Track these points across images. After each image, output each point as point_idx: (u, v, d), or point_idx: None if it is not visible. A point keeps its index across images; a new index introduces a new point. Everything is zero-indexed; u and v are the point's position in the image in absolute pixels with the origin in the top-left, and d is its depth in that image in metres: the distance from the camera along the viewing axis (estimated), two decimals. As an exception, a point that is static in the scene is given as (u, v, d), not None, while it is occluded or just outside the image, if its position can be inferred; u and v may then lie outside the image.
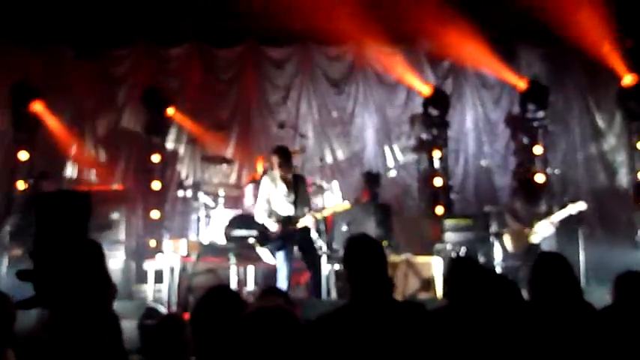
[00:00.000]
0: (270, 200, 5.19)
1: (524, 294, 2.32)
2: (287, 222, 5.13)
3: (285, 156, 5.20)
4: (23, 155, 7.04)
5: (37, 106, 7.16)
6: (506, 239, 5.62)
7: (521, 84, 7.37)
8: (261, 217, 5.21)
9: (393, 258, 5.52)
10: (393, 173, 7.65)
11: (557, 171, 5.21)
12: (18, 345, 2.13)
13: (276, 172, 5.18)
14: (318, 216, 5.29)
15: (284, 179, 5.17)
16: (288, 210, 5.17)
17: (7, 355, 2.18)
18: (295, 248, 5.21)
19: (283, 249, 5.09)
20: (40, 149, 7.22)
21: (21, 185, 6.96)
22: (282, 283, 4.95)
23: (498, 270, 5.65)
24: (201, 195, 6.62)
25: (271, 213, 5.17)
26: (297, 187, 5.22)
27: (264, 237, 5.19)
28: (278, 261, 5.09)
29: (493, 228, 6.09)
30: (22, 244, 5.84)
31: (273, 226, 5.11)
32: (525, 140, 7.36)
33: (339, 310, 2.15)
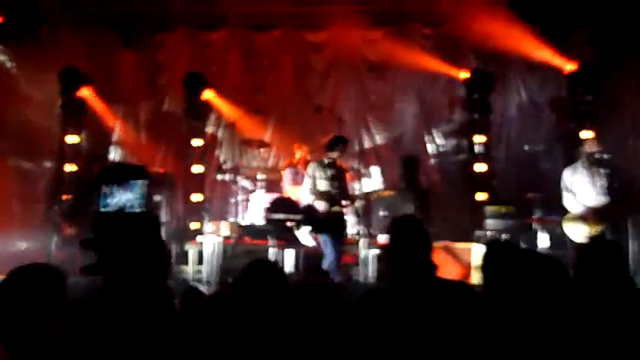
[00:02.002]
0: (316, 183, 5.30)
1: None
2: (332, 204, 5.20)
3: (343, 147, 5.30)
4: (71, 139, 7.42)
5: (85, 92, 7.49)
6: (573, 226, 5.28)
7: (570, 67, 7.15)
8: (308, 198, 5.29)
9: (431, 244, 5.50)
10: (431, 159, 7.65)
11: (605, 156, 5.05)
12: (72, 310, 2.24)
13: (326, 160, 5.28)
14: (359, 202, 5.44)
15: (332, 167, 5.28)
16: (332, 194, 5.28)
17: (51, 327, 2.28)
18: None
19: (329, 231, 5.14)
20: (87, 133, 7.56)
21: (69, 167, 7.31)
22: (327, 265, 5.01)
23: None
24: (240, 178, 6.71)
25: (319, 194, 5.26)
26: (342, 176, 5.38)
27: (308, 219, 5.28)
28: (323, 244, 5.14)
29: (537, 215, 5.98)
30: (73, 224, 6.21)
31: (322, 205, 5.17)
32: (572, 125, 7.12)
33: (382, 290, 2.16)
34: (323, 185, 5.26)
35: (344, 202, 5.35)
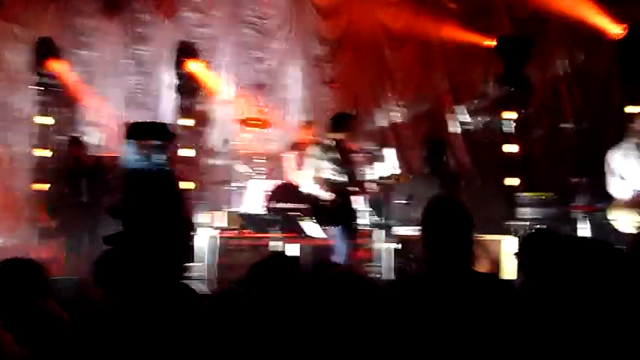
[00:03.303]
0: (320, 170, 5.34)
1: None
2: (342, 192, 5.25)
3: (350, 125, 5.37)
4: (43, 120, 7.65)
5: (59, 66, 7.69)
6: (620, 215, 5.19)
7: (620, 31, 7.14)
8: (310, 186, 5.38)
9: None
10: (459, 140, 7.75)
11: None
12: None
13: (330, 142, 5.32)
14: (375, 188, 5.46)
15: (338, 150, 5.30)
16: (339, 182, 5.33)
17: (49, 305, 2.55)
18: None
19: (339, 222, 5.21)
20: (61, 114, 7.82)
21: (42, 152, 7.52)
22: (339, 260, 5.05)
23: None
24: (237, 163, 6.82)
25: (323, 182, 5.32)
26: (350, 160, 5.38)
27: (315, 210, 5.36)
28: (333, 237, 5.25)
29: (579, 202, 6.11)
30: (56, 216, 6.45)
31: (327, 194, 5.22)
32: (623, 99, 7.07)
33: (413, 279, 2.26)
34: (330, 171, 5.29)
35: (353, 190, 5.37)
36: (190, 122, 7.75)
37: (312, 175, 5.36)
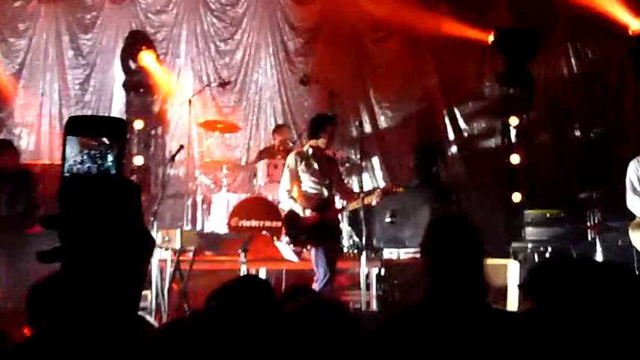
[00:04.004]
0: (298, 181, 5.25)
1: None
2: (323, 207, 5.16)
3: (332, 128, 5.27)
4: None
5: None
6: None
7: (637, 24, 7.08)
8: (287, 201, 5.27)
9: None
10: (453, 148, 7.60)
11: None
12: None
13: (310, 149, 5.25)
14: (361, 202, 5.24)
15: (318, 159, 5.23)
16: (321, 194, 5.26)
17: None
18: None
19: (319, 243, 5.10)
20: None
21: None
22: (319, 286, 4.98)
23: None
24: (198, 173, 6.68)
25: (302, 195, 5.24)
26: (333, 170, 5.35)
27: (290, 227, 5.25)
28: (314, 259, 5.13)
29: (594, 220, 6.07)
30: None
31: (306, 211, 5.13)
32: None
33: (411, 311, 2.17)
34: (308, 183, 5.24)
35: (338, 205, 5.34)
36: (140, 124, 7.55)
37: (286, 188, 5.27)
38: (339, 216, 5.47)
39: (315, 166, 5.21)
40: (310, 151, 5.23)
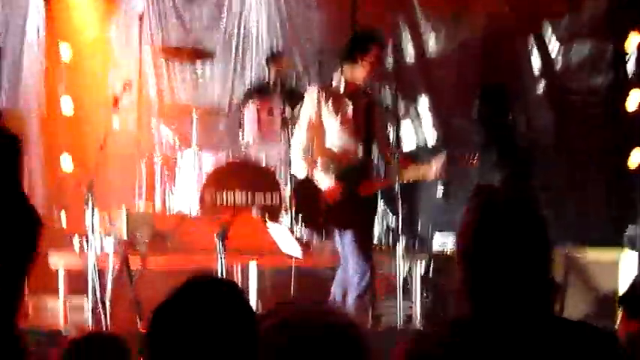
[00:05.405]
0: (321, 132, 5.20)
1: None
2: (355, 176, 5.12)
3: (378, 53, 5.12)
4: None
5: None
6: None
7: None
8: (300, 163, 5.22)
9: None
10: (538, 87, 7.31)
11: None
12: None
13: (340, 84, 5.14)
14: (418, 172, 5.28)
15: (355, 98, 5.15)
16: (354, 154, 5.26)
17: None
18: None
19: (349, 229, 5.08)
20: None
21: None
22: (354, 291, 5.04)
23: None
24: (154, 124, 6.92)
25: (325, 154, 5.22)
26: (376, 118, 5.29)
27: (301, 203, 5.30)
28: (342, 250, 5.16)
29: None
30: None
31: (326, 183, 5.09)
32: None
33: (454, 330, 2.19)
34: (336, 136, 5.14)
35: (382, 172, 5.50)
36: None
37: (301, 141, 5.20)
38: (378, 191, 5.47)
39: (349, 109, 5.09)
40: (343, 85, 5.06)
